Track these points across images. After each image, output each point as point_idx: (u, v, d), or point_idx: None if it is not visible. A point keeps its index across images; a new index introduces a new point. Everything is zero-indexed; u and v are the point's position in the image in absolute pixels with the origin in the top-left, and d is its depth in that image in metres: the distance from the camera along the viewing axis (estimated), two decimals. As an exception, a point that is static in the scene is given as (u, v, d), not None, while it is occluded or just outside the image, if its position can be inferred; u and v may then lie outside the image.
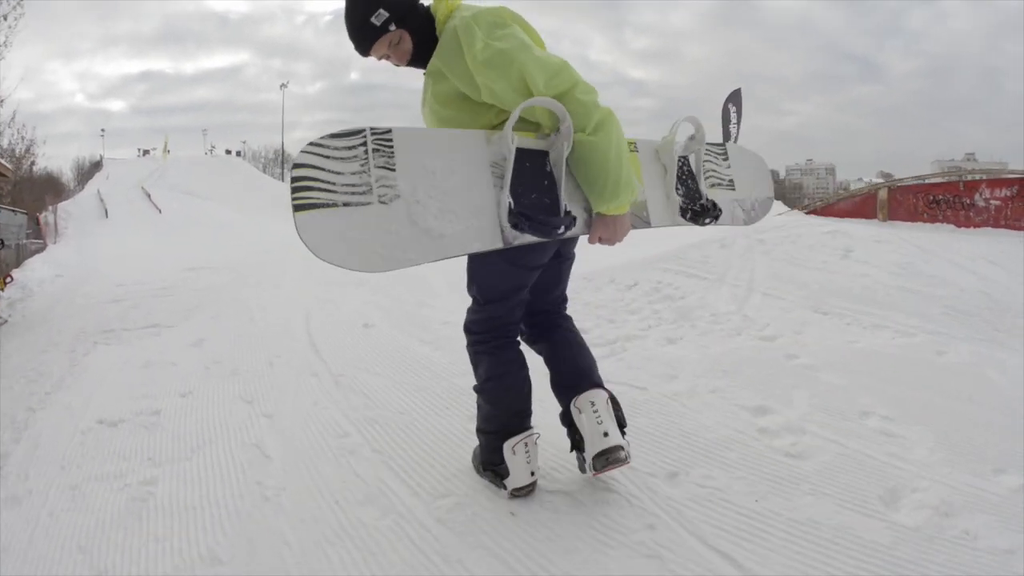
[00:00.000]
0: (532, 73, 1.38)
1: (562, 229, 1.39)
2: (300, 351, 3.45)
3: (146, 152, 42.42)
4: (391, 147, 1.27)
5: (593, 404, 1.56)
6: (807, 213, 11.20)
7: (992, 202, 10.92)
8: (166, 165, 33.04)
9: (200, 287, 6.27)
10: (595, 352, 1.80)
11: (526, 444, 1.59)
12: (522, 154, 1.40)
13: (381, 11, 1.45)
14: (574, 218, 1.44)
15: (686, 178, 1.82)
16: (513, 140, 1.37)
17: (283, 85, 44.93)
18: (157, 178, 29.77)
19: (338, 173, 1.20)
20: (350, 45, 1.51)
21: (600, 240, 1.50)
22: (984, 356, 3.63)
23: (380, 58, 1.53)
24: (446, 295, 4.79)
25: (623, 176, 1.43)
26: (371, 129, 1.26)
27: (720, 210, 1.79)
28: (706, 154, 1.88)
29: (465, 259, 1.54)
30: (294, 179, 1.17)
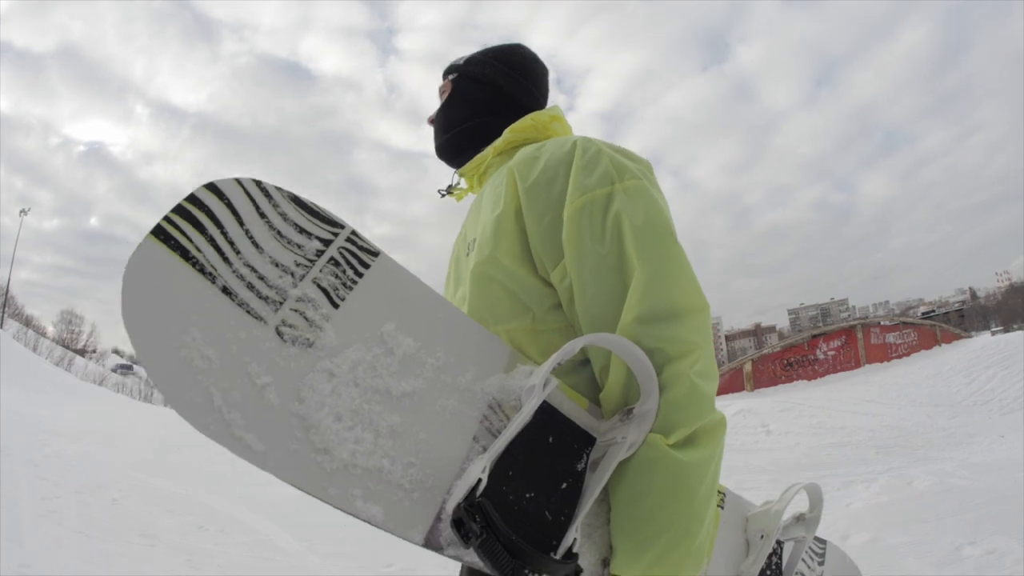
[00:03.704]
0: (681, 288, 0.77)
1: None
2: None
3: None
4: (359, 273, 0.74)
5: None
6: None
7: (829, 353, 13.20)
8: None
9: None
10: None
11: None
12: (548, 418, 0.77)
13: (460, 62, 1.13)
14: (579, 570, 0.70)
15: (771, 572, 1.13)
16: (546, 387, 0.74)
17: (23, 211, 38.75)
18: None
19: (256, 248, 0.69)
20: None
21: None
22: (936, 471, 4.03)
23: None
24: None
25: (699, 538, 0.73)
26: (354, 233, 0.76)
27: None
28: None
29: None
30: (191, 201, 0.66)
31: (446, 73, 1.12)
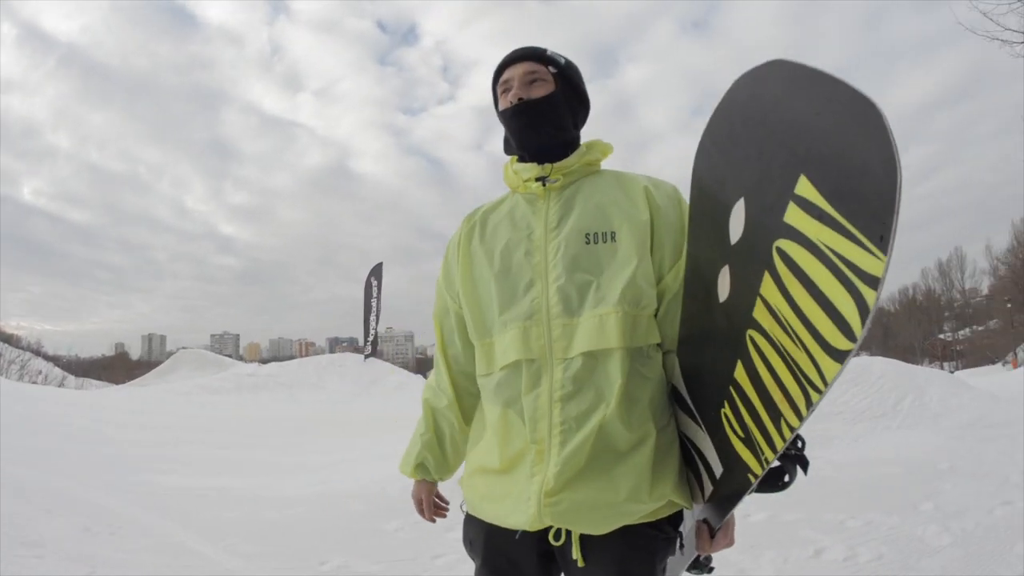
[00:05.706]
0: None
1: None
2: None
3: None
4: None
5: None
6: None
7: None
8: None
9: None
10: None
11: None
12: None
13: (560, 60, 1.16)
14: None
15: None
16: None
17: None
18: None
19: None
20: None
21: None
22: (861, 441, 4.36)
23: (517, 75, 1.13)
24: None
25: None
26: None
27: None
28: None
29: None
30: None
31: (541, 59, 1.14)
